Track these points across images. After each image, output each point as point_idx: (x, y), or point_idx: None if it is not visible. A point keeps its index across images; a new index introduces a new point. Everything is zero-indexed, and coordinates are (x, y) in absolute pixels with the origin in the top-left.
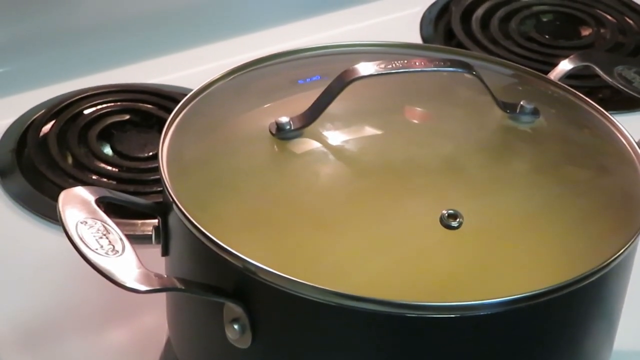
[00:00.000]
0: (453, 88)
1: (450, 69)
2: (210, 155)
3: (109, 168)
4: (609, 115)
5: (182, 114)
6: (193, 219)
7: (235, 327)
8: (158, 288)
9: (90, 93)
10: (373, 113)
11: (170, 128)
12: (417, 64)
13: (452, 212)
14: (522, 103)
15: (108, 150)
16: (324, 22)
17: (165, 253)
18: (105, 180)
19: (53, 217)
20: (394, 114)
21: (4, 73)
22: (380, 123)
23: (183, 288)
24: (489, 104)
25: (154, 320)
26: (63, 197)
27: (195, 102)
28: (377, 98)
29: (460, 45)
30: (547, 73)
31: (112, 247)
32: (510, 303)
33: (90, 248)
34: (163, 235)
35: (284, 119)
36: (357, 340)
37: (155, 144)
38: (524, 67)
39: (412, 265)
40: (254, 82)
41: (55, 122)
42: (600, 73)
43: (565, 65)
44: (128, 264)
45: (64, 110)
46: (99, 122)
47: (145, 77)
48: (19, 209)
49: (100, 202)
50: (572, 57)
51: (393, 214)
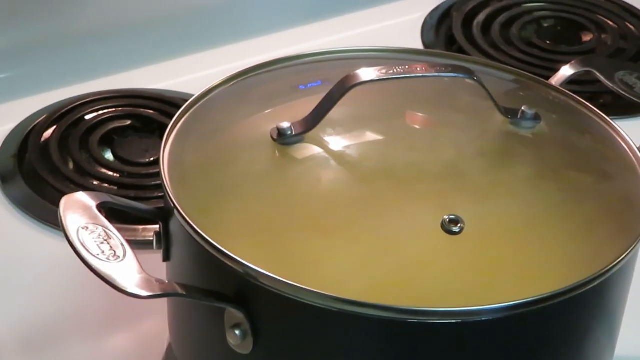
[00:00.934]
0: (454, 93)
1: (452, 75)
2: (212, 161)
3: (110, 173)
4: (610, 121)
5: (183, 120)
6: (194, 225)
7: (237, 332)
8: (159, 293)
9: (92, 98)
10: (374, 119)
11: (172, 133)
12: (418, 70)
13: (453, 217)
14: (523, 108)
15: (109, 156)
16: (325, 27)
17: (167, 258)
18: (107, 186)
19: (54, 222)
20: (395, 120)
21: (5, 79)
22: (382, 128)
23: (184, 293)
24: (490, 110)
25: (155, 326)
26: (64, 202)
27: (197, 107)
28: (378, 103)
29: (462, 51)
30: (548, 78)
31: (113, 252)
32: (512, 309)
33: (92, 253)
34: (164, 241)
35: (285, 125)
36: (358, 346)
37: (157, 150)
38: (525, 72)
39: (413, 271)
40: (255, 87)
41: (57, 127)
42: (602, 78)
43: (567, 71)
44: (129, 270)
45: (65, 116)
46: (100, 127)
47: (147, 82)
48: (20, 215)
49: (102, 207)
50: (573, 62)
51: (394, 219)
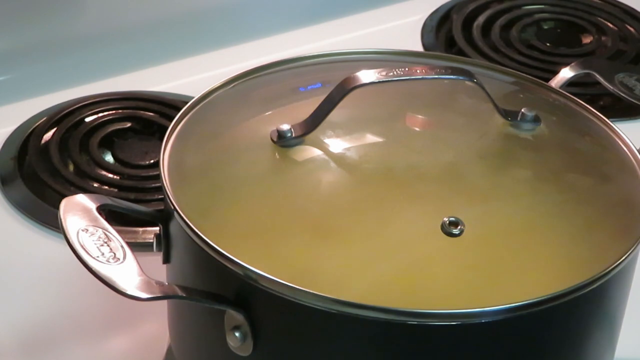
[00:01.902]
0: (454, 96)
1: (452, 77)
2: (212, 163)
3: (110, 176)
4: (610, 123)
5: (183, 122)
6: (194, 227)
7: (237, 334)
8: (159, 296)
9: (92, 101)
10: (374, 121)
11: (172, 136)
12: (418, 72)
13: (453, 219)
14: (523, 110)
15: (109, 158)
16: (325, 29)
17: (167, 261)
18: (107, 188)
19: (54, 224)
20: (395, 122)
21: (5, 81)
22: (382, 131)
23: (184, 295)
24: (490, 112)
25: (155, 328)
26: (64, 204)
27: (197, 109)
28: (378, 106)
29: (462, 53)
30: (548, 80)
31: (113, 254)
32: (512, 310)
33: (92, 255)
34: (164, 243)
35: (285, 127)
36: (358, 348)
37: (157, 152)
38: (525, 74)
39: (413, 273)
40: (255, 89)
41: (57, 129)
42: (602, 81)
43: (566, 73)
44: (129, 272)
45: (65, 118)
46: (100, 129)
47: (147, 84)
48: (21, 217)
49: (102, 209)
50: (573, 64)
51: (394, 221)
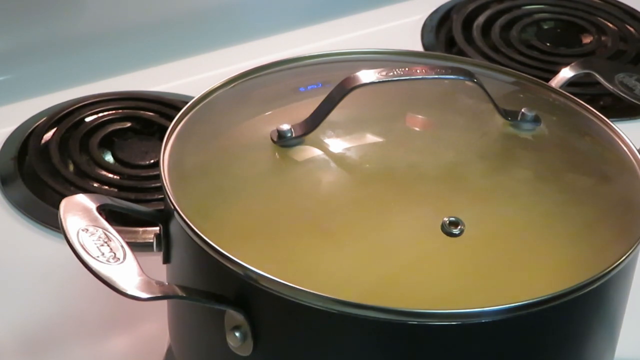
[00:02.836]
0: (454, 96)
1: (452, 77)
2: (212, 163)
3: (110, 176)
4: (610, 123)
5: (183, 122)
6: (194, 227)
7: (237, 334)
8: (159, 295)
9: (92, 101)
10: (374, 121)
11: (172, 136)
12: (418, 72)
13: (453, 219)
14: (523, 110)
15: (109, 158)
16: (325, 29)
17: (167, 261)
18: (107, 188)
19: (54, 224)
20: (395, 122)
21: (5, 81)
22: (382, 131)
23: (184, 295)
24: (490, 112)
25: (155, 328)
26: (64, 204)
27: (197, 109)
28: (378, 106)
29: (462, 53)
30: (548, 80)
31: (113, 254)
32: (512, 310)
33: (92, 255)
34: (164, 243)
35: (285, 127)
36: (358, 348)
37: (157, 152)
38: (525, 74)
39: (413, 273)
40: (255, 89)
41: (57, 129)
42: (602, 80)
43: (567, 73)
44: (129, 272)
45: (65, 118)
46: (100, 129)
47: (147, 84)
48: (21, 217)
49: (102, 209)
50: (573, 64)
51: (394, 221)
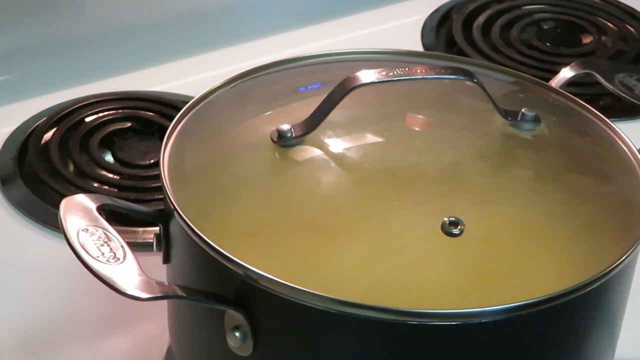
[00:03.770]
0: (454, 96)
1: (452, 77)
2: (212, 163)
3: (111, 175)
4: (610, 123)
5: (183, 122)
6: (194, 227)
7: (237, 334)
8: (159, 295)
9: (92, 101)
10: (374, 121)
11: (172, 135)
12: (418, 72)
13: (453, 219)
14: (523, 110)
15: (109, 158)
16: (325, 29)
17: (167, 261)
18: (107, 188)
19: (54, 224)
20: (395, 122)
21: (6, 81)
22: (382, 131)
23: (184, 295)
24: (490, 112)
25: (155, 328)
26: (64, 204)
27: (197, 109)
28: (378, 106)
29: (462, 53)
30: (548, 80)
31: (113, 254)
32: (512, 310)
33: (92, 255)
34: (164, 243)
35: (285, 127)
36: (358, 348)
37: (157, 152)
38: (525, 74)
39: (413, 273)
40: (255, 89)
41: (57, 129)
42: (602, 80)
43: (567, 73)
44: (129, 272)
45: (65, 118)
46: (101, 129)
47: (147, 84)
48: (21, 217)
49: (102, 209)
50: (573, 64)
51: (394, 221)
